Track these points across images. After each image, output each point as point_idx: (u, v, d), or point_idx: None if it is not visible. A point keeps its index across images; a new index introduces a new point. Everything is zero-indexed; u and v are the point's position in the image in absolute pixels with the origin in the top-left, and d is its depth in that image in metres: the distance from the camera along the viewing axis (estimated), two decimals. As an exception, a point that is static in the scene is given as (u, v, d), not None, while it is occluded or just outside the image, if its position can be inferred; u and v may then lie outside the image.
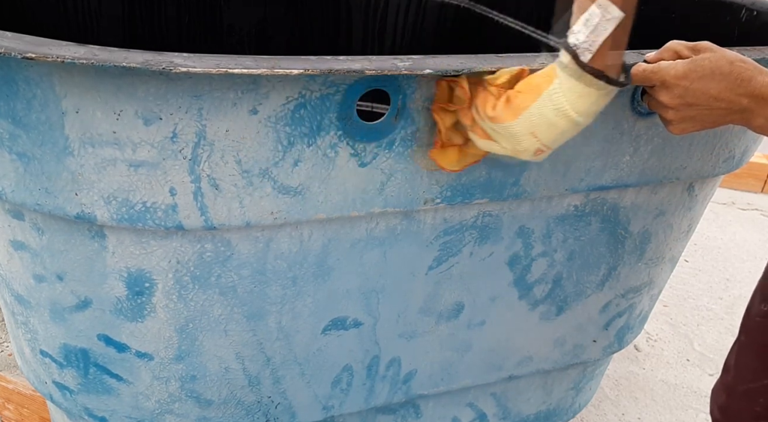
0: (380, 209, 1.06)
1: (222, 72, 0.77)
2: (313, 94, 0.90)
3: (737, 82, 0.89)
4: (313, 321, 1.18)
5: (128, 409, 1.23)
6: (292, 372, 1.23)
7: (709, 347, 2.42)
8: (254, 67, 0.78)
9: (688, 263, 3.03)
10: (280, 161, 0.94)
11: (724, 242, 3.19)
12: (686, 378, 2.25)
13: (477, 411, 1.57)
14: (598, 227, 1.29)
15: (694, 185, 1.32)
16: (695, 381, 2.24)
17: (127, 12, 1.81)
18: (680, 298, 2.71)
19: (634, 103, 1.10)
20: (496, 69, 0.91)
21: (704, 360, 2.35)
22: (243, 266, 1.06)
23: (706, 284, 2.83)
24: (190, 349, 1.14)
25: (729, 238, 3.23)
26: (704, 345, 2.43)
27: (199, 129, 0.88)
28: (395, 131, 0.98)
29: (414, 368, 1.35)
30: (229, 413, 1.24)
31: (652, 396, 2.18)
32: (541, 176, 1.13)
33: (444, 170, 1.03)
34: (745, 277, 2.89)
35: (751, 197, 3.63)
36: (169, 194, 0.93)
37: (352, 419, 1.42)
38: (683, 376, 2.27)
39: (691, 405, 2.13)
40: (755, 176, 3.62)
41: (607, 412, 2.12)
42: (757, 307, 1.23)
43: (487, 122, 0.91)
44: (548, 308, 1.38)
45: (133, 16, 1.81)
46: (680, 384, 2.22)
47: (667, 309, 2.70)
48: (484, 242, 1.21)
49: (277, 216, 0.99)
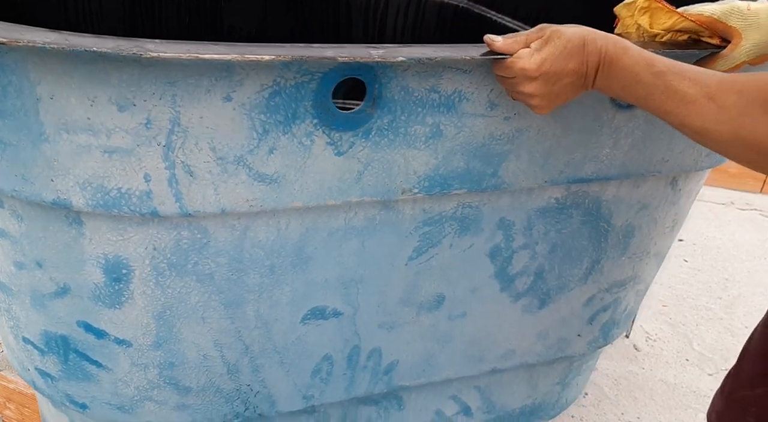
0: (357, 199, 1.06)
1: (192, 57, 0.77)
2: (287, 82, 0.90)
3: (587, 49, 0.91)
4: (291, 309, 1.18)
5: (108, 396, 1.23)
6: (271, 360, 1.23)
7: (708, 347, 2.43)
8: (225, 52, 0.79)
9: (688, 263, 3.03)
10: (255, 149, 0.94)
11: (723, 242, 3.20)
12: (685, 378, 2.26)
13: (461, 404, 1.57)
14: (580, 220, 1.29)
15: (677, 180, 1.32)
16: (694, 380, 2.24)
17: (128, 12, 1.82)
18: (679, 298, 2.72)
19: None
20: (470, 58, 0.92)
21: (703, 360, 2.35)
22: (220, 253, 1.06)
23: (705, 284, 2.84)
24: (168, 336, 1.14)
25: (728, 238, 3.23)
26: (703, 345, 2.44)
27: (173, 116, 0.88)
28: (372, 120, 0.99)
29: (395, 359, 1.36)
30: (208, 400, 1.25)
31: (652, 395, 2.19)
32: (520, 167, 1.13)
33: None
34: (744, 277, 2.90)
35: (750, 197, 3.64)
36: (144, 180, 0.93)
37: (333, 409, 1.43)
38: (682, 376, 2.27)
39: (690, 404, 2.14)
40: (754, 176, 3.62)
41: (606, 412, 2.13)
42: (764, 316, 1.23)
43: None
44: (531, 301, 1.38)
45: (134, 17, 1.83)
46: (679, 384, 2.23)
47: (666, 309, 2.70)
48: (464, 234, 1.21)
49: (253, 204, 0.99)
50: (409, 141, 1.03)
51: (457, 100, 1.02)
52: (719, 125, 0.83)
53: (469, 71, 0.99)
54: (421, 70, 0.96)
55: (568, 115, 1.10)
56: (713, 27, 1.06)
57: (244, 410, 1.29)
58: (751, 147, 0.81)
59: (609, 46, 0.91)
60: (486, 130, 1.07)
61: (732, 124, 0.82)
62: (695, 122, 0.86)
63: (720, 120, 0.83)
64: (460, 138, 1.06)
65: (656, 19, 1.10)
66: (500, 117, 1.06)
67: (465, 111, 1.03)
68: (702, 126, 0.85)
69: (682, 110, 0.86)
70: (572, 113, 1.11)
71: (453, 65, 0.97)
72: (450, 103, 1.02)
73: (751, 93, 0.82)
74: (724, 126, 0.83)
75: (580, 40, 0.91)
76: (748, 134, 0.81)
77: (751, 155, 0.83)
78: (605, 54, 0.91)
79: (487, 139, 1.08)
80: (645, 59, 0.90)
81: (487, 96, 1.03)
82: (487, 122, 1.06)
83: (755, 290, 2.82)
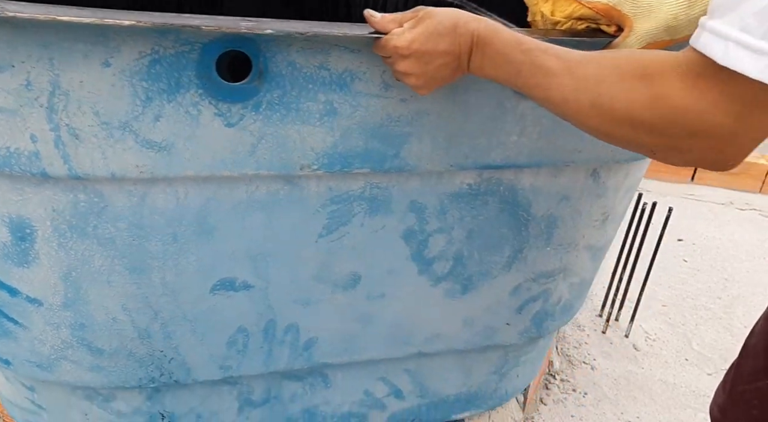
0: (253, 172, 1.08)
1: (50, 19, 0.80)
2: (167, 51, 0.93)
3: (458, 32, 0.93)
4: (199, 279, 1.21)
5: (27, 353, 1.28)
6: (183, 328, 1.27)
7: (707, 346, 2.42)
8: (85, 16, 0.82)
9: (687, 263, 3.02)
10: (140, 116, 0.97)
11: (723, 242, 3.19)
12: (685, 378, 2.26)
13: (391, 386, 1.59)
14: (497, 207, 1.30)
15: (599, 172, 1.32)
16: (694, 380, 2.24)
17: (131, 6, 1.89)
18: (679, 298, 2.72)
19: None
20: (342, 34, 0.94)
21: (702, 360, 2.35)
22: (119, 218, 1.09)
23: (705, 284, 2.84)
24: (76, 297, 1.18)
25: (727, 238, 3.22)
26: (702, 345, 2.43)
27: (53, 78, 0.91)
28: (260, 93, 1.01)
29: (314, 335, 1.38)
30: (122, 363, 1.29)
31: (651, 395, 2.19)
32: (423, 149, 1.15)
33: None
34: (744, 277, 2.89)
35: (749, 197, 3.62)
36: (30, 140, 0.96)
37: (255, 382, 1.46)
38: (682, 375, 2.27)
39: (689, 404, 2.14)
40: (753, 176, 3.61)
41: (605, 411, 2.14)
42: (766, 310, 1.24)
43: None
44: (452, 286, 1.39)
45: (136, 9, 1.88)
46: (679, 384, 2.23)
47: (666, 309, 2.69)
48: (374, 214, 1.23)
49: (143, 170, 1.03)
50: (303, 117, 1.05)
51: (349, 79, 1.03)
52: (578, 94, 0.84)
53: (358, 51, 1.01)
54: (306, 47, 0.98)
55: (470, 100, 1.11)
56: (609, 15, 1.06)
57: (160, 375, 1.32)
58: (608, 115, 0.81)
59: (480, 28, 0.92)
60: (383, 111, 1.08)
61: (589, 93, 0.83)
62: (556, 94, 0.87)
63: (578, 89, 0.84)
64: (356, 117, 1.08)
65: (558, 6, 1.11)
66: (396, 98, 1.08)
67: (359, 90, 1.05)
68: (562, 97, 0.86)
69: (544, 82, 0.87)
70: (474, 99, 1.11)
71: (336, 43, 0.98)
72: (342, 81, 1.03)
73: (608, 61, 0.83)
74: (582, 95, 0.83)
75: (452, 22, 0.92)
76: (605, 102, 0.81)
77: (609, 126, 0.83)
78: (477, 36, 0.92)
79: (385, 120, 1.09)
80: (515, 39, 0.91)
81: (380, 76, 1.05)
82: (383, 102, 1.07)
83: (754, 290, 2.81)
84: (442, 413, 1.70)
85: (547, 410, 2.16)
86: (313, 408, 1.56)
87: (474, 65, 0.95)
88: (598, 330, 2.57)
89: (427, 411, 1.68)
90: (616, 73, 0.81)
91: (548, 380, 2.29)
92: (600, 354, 2.45)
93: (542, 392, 2.23)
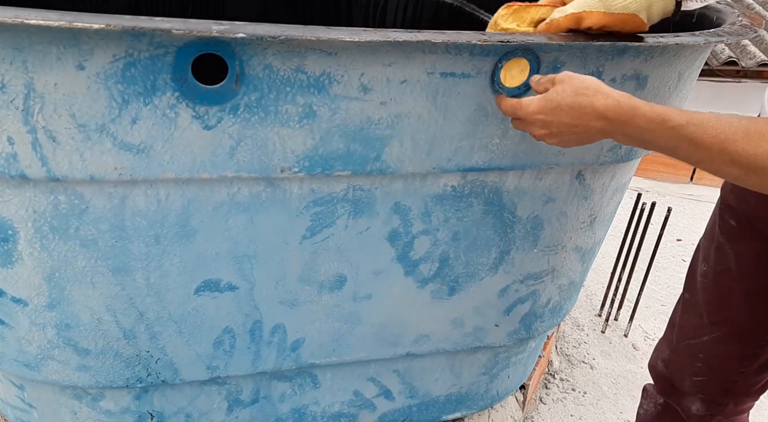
0: (234, 174, 1.09)
1: (18, 22, 0.80)
2: (141, 54, 0.93)
3: (582, 111, 0.96)
4: (183, 280, 1.21)
5: (15, 353, 1.29)
6: (169, 329, 1.27)
7: None
8: (53, 19, 0.82)
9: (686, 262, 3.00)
10: (116, 118, 0.98)
11: (722, 242, 3.14)
12: None
13: (380, 387, 1.59)
14: (482, 209, 1.29)
15: (583, 174, 1.31)
16: None
17: (133, 6, 1.90)
18: (678, 297, 2.70)
19: (494, 85, 1.10)
20: (315, 37, 0.93)
21: None
22: (100, 220, 1.10)
23: None
24: (60, 298, 1.19)
25: (727, 238, 3.17)
26: None
27: (27, 81, 0.92)
28: (237, 96, 1.01)
29: (301, 336, 1.38)
30: (109, 363, 1.29)
31: None
32: (404, 152, 1.15)
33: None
34: None
35: (749, 197, 3.57)
36: (8, 142, 0.97)
37: (244, 382, 1.46)
38: None
39: None
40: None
41: (605, 410, 2.13)
42: (699, 267, 1.28)
43: None
44: (439, 288, 1.39)
45: (138, 10, 1.91)
46: None
47: (665, 308, 2.68)
48: (358, 216, 1.23)
49: (122, 172, 1.03)
50: (282, 120, 1.05)
51: (327, 82, 1.03)
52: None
53: (335, 54, 1.01)
54: (282, 50, 0.98)
55: (450, 103, 1.11)
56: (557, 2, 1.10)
57: (147, 375, 1.33)
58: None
59: (610, 107, 0.94)
60: (362, 114, 1.08)
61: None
62: (724, 168, 0.91)
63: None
64: (336, 120, 1.08)
65: (519, 18, 1.13)
66: (376, 102, 1.07)
67: (337, 93, 1.05)
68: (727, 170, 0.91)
69: (707, 157, 0.91)
70: (454, 102, 1.11)
71: (311, 46, 0.98)
72: (320, 84, 1.03)
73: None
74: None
75: (573, 100, 0.97)
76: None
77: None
78: (609, 117, 0.95)
79: (365, 122, 1.09)
80: (658, 115, 0.92)
81: (358, 79, 1.05)
82: (362, 105, 1.07)
83: (752, 289, 2.77)
84: (433, 414, 1.70)
85: (546, 409, 2.16)
86: (302, 408, 1.56)
87: (615, 138, 0.98)
88: (598, 329, 2.57)
89: (418, 412, 1.68)
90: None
91: (548, 379, 2.29)
92: (599, 353, 2.44)
93: (542, 391, 2.23)
